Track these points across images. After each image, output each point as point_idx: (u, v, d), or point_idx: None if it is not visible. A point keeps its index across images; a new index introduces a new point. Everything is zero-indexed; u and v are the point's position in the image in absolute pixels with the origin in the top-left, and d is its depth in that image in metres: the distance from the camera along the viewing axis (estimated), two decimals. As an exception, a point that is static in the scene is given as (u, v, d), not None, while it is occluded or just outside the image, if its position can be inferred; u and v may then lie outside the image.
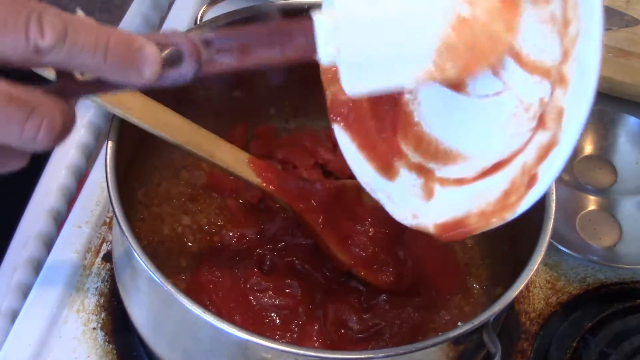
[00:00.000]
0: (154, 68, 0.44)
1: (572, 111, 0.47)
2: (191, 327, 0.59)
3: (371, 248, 0.69)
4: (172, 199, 0.74)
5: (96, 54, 0.42)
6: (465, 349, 0.59)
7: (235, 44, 0.46)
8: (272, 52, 0.46)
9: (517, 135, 0.51)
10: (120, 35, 0.43)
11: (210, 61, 0.46)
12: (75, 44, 0.41)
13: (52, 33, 0.40)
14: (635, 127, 0.87)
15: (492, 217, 0.52)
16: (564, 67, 0.47)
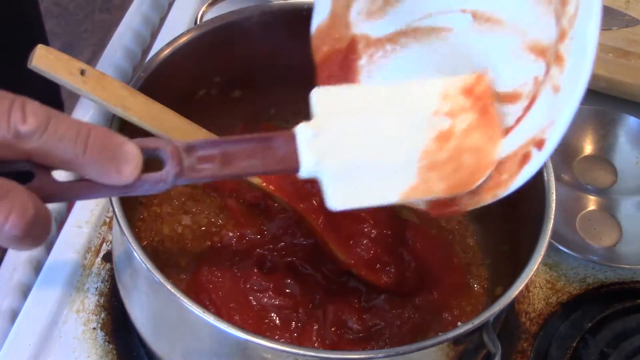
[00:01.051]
0: (134, 165, 0.43)
1: (569, 88, 0.47)
2: (191, 327, 0.59)
3: (372, 248, 0.69)
4: (172, 199, 0.74)
5: (76, 144, 0.41)
6: (465, 349, 0.59)
7: (217, 153, 0.46)
8: (254, 163, 0.46)
9: (510, 113, 0.51)
10: (101, 130, 0.42)
11: (191, 168, 0.45)
12: (56, 132, 0.41)
13: (33, 119, 0.40)
14: (635, 127, 0.87)
15: (485, 194, 0.52)
16: (560, 46, 0.47)
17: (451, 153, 0.50)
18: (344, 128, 0.48)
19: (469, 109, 0.51)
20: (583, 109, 0.88)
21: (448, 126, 0.50)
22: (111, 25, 2.12)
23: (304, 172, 0.48)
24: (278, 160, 0.47)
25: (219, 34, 0.71)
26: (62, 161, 0.42)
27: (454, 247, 0.75)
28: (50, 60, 0.54)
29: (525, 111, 0.50)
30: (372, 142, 0.49)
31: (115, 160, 0.43)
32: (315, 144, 0.47)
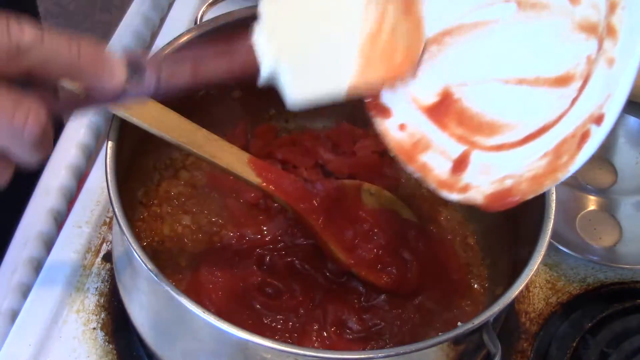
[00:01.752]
0: (122, 70, 0.46)
1: (624, 58, 0.47)
2: (191, 327, 0.59)
3: (373, 249, 0.69)
4: (172, 199, 0.74)
5: (71, 51, 0.44)
6: (465, 349, 0.59)
7: (189, 60, 0.50)
8: (220, 63, 0.51)
9: (563, 97, 0.51)
10: (87, 40, 0.46)
11: (169, 75, 0.49)
12: (52, 42, 0.44)
13: (31, 31, 0.43)
14: (635, 127, 0.87)
15: (544, 179, 0.52)
16: (612, 17, 0.48)
17: (388, 36, 0.53)
18: (291, 21, 0.52)
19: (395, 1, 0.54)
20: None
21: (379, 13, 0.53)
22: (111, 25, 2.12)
23: (264, 71, 0.51)
24: (241, 60, 0.51)
25: (219, 34, 0.71)
26: (61, 69, 0.45)
27: (454, 246, 0.75)
28: None
29: (579, 92, 0.51)
30: (318, 32, 0.52)
31: (107, 64, 0.46)
32: (270, 43, 0.51)
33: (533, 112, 0.53)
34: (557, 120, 0.52)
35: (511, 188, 0.53)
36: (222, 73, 0.51)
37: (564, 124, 0.51)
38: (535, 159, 0.53)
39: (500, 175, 0.54)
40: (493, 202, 0.55)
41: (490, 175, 0.55)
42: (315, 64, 0.52)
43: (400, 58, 0.54)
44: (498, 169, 0.54)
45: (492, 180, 0.54)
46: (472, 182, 0.55)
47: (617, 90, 0.48)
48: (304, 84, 0.52)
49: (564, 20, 0.52)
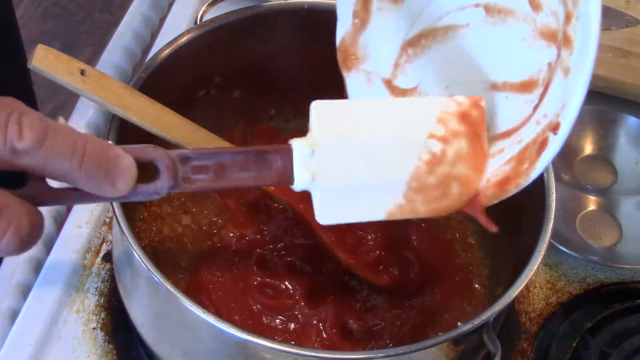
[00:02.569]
0: (128, 180, 0.43)
1: (578, 69, 0.48)
2: (191, 327, 0.59)
3: (372, 248, 0.69)
4: (172, 199, 0.74)
5: (72, 160, 0.41)
6: (465, 349, 0.59)
7: (211, 163, 0.46)
8: (248, 174, 0.47)
9: (528, 102, 0.52)
10: (97, 143, 0.42)
11: (186, 179, 0.46)
12: (53, 148, 0.40)
13: (30, 135, 0.39)
14: (635, 127, 0.87)
15: (508, 185, 0.52)
16: (567, 27, 0.48)
17: (440, 179, 0.51)
18: (340, 146, 0.49)
19: (462, 135, 0.52)
20: (583, 109, 0.88)
21: (440, 151, 0.51)
22: (111, 25, 2.12)
23: (297, 187, 0.49)
24: (272, 175, 0.48)
25: (219, 34, 0.71)
26: (57, 175, 0.42)
27: (455, 246, 0.75)
28: (50, 60, 0.54)
29: (541, 98, 0.51)
30: (366, 160, 0.49)
31: (111, 175, 0.43)
32: (310, 162, 0.48)
33: (501, 116, 0.54)
34: (521, 125, 0.52)
35: (478, 193, 0.54)
36: (248, 183, 0.47)
37: (527, 130, 0.52)
38: (501, 164, 0.53)
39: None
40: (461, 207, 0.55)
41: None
42: (354, 191, 0.50)
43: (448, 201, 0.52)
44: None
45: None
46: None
47: (571, 100, 0.48)
48: (337, 207, 0.50)
49: (527, 27, 0.53)
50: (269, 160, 0.47)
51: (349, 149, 0.49)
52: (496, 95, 0.54)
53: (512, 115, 0.53)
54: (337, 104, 0.50)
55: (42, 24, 2.15)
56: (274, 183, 0.48)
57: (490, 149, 0.53)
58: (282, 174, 0.47)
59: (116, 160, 0.43)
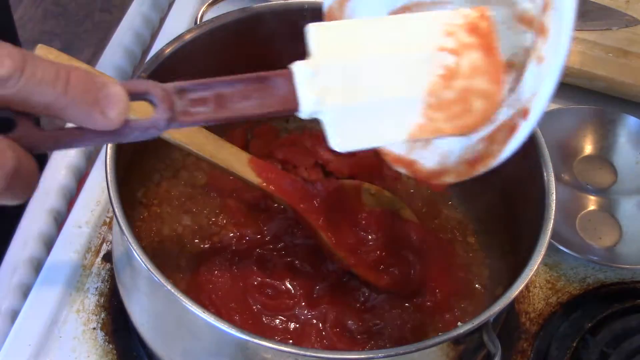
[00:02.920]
0: (120, 108, 0.40)
1: (551, 58, 0.47)
2: (191, 327, 0.59)
3: (372, 249, 0.69)
4: (172, 199, 0.74)
5: (56, 86, 0.39)
6: (465, 349, 0.59)
7: (211, 95, 0.43)
8: (250, 103, 0.44)
9: (504, 83, 0.52)
10: (82, 71, 0.40)
11: (185, 112, 0.43)
12: (34, 74, 0.38)
13: (10, 61, 0.38)
14: (635, 127, 0.87)
15: (478, 164, 0.53)
16: (544, 16, 0.48)
17: (458, 93, 0.48)
18: (344, 65, 0.46)
19: (474, 47, 0.49)
20: (583, 109, 0.88)
21: (453, 63, 0.48)
22: (111, 25, 2.12)
23: (303, 112, 0.46)
24: (276, 101, 0.44)
25: (219, 34, 0.71)
26: (42, 106, 0.39)
27: (455, 246, 0.75)
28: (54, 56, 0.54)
29: (515, 83, 0.51)
30: (374, 78, 0.46)
31: (99, 102, 0.40)
32: (314, 82, 0.45)
33: None
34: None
35: (442, 170, 0.54)
36: (250, 112, 0.44)
37: (501, 111, 0.51)
38: (473, 143, 0.53)
39: (441, 153, 0.55)
40: (431, 178, 0.55)
41: (433, 152, 0.55)
42: (367, 111, 0.47)
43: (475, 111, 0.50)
44: (440, 147, 0.55)
45: (435, 157, 0.55)
46: (418, 159, 0.56)
47: (542, 89, 0.48)
48: (352, 132, 0.47)
49: (507, 10, 0.53)
50: (271, 87, 0.44)
51: (355, 66, 0.46)
52: None
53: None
54: (336, 24, 0.48)
55: (42, 24, 2.15)
56: (278, 110, 0.45)
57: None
58: (286, 100, 0.44)
59: (104, 87, 0.40)
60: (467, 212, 0.77)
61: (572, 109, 0.88)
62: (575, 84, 0.91)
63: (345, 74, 0.46)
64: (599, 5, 0.97)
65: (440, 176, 0.55)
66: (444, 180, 0.55)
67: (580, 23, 0.96)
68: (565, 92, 0.91)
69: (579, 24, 0.95)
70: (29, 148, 0.40)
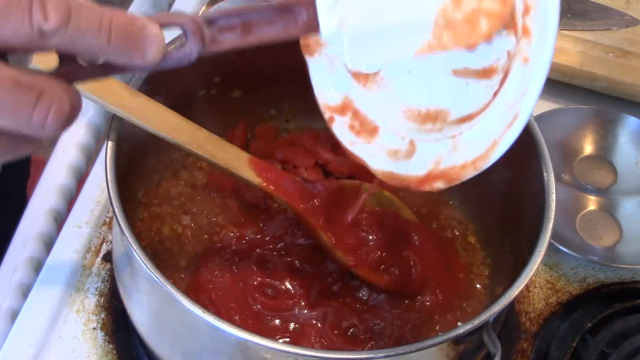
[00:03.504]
0: (157, 47, 0.44)
1: (537, 58, 0.49)
2: (191, 327, 0.59)
3: (372, 249, 0.69)
4: (172, 199, 0.74)
5: (100, 35, 0.41)
6: (465, 349, 0.59)
7: (237, 22, 0.46)
8: (275, 29, 0.47)
9: (488, 87, 0.52)
10: (122, 17, 0.43)
11: (213, 40, 0.46)
12: (79, 25, 0.41)
13: (55, 15, 0.40)
14: (635, 127, 0.87)
15: (465, 170, 0.54)
16: (527, 19, 0.49)
17: (467, 14, 0.50)
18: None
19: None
20: (583, 109, 0.88)
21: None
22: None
23: (324, 35, 0.48)
24: (299, 26, 0.48)
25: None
26: (87, 51, 0.42)
27: (456, 246, 0.75)
28: (49, 60, 0.54)
29: (500, 84, 0.52)
30: (390, 3, 0.49)
31: (139, 44, 0.43)
32: (335, 8, 0.48)
33: (462, 101, 0.54)
34: (481, 110, 0.53)
35: (439, 173, 0.55)
36: (275, 37, 0.47)
37: (487, 115, 0.53)
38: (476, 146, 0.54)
39: (432, 160, 0.55)
40: (420, 185, 0.56)
41: (419, 161, 0.56)
42: (382, 33, 0.50)
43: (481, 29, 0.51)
44: (429, 154, 0.56)
45: (423, 165, 0.56)
46: (403, 172, 0.57)
47: (531, 88, 0.49)
48: (366, 51, 0.50)
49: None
50: (295, 13, 0.47)
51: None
52: (457, 80, 0.55)
53: (472, 100, 0.54)
54: None
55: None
56: (301, 32, 0.48)
57: (451, 132, 0.54)
58: (308, 24, 0.48)
59: (143, 30, 0.43)
60: (467, 212, 0.77)
61: (572, 109, 0.88)
62: (575, 84, 0.91)
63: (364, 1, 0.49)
64: (599, 5, 0.97)
65: (431, 182, 0.55)
66: (434, 186, 0.55)
67: (580, 23, 0.96)
68: (565, 92, 0.91)
69: (579, 23, 0.95)
70: (74, 81, 0.43)
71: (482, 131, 0.53)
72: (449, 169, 0.54)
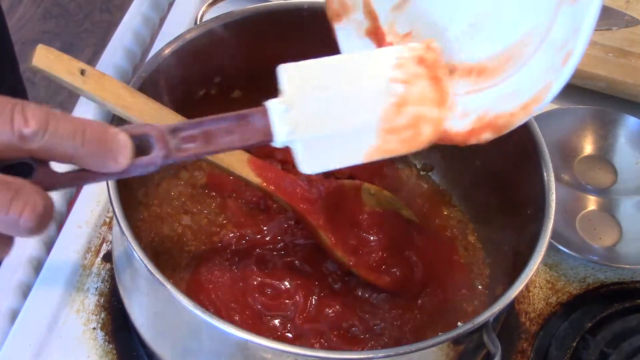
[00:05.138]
0: (127, 153, 0.47)
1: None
2: (191, 327, 0.59)
3: (372, 249, 0.69)
4: (172, 199, 0.74)
5: (75, 140, 0.45)
6: (465, 349, 0.59)
7: (199, 132, 0.50)
8: (233, 138, 0.51)
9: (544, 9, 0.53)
10: (96, 124, 0.46)
11: (177, 149, 0.49)
12: (57, 130, 0.44)
13: (35, 121, 0.44)
14: (635, 127, 0.87)
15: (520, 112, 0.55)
16: None
17: (409, 119, 0.54)
18: (312, 99, 0.53)
19: (422, 77, 0.55)
20: (583, 109, 0.88)
21: (403, 92, 0.54)
22: (111, 25, 2.12)
23: (278, 143, 0.52)
24: (255, 135, 0.51)
25: (219, 34, 0.71)
26: (63, 156, 0.45)
27: (456, 246, 0.75)
28: (50, 60, 0.54)
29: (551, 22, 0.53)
30: (337, 109, 0.53)
31: (111, 151, 0.46)
32: (286, 117, 0.51)
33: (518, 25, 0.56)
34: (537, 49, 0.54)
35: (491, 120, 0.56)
36: (234, 145, 0.51)
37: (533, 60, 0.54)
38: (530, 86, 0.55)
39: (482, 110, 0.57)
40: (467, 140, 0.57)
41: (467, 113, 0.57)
42: (332, 138, 0.53)
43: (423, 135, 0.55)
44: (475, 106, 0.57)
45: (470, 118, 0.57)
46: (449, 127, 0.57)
47: (584, 23, 0.50)
48: (318, 156, 0.53)
49: None
50: (250, 122, 0.51)
51: (320, 100, 0.53)
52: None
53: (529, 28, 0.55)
54: (303, 64, 0.53)
55: (42, 24, 2.15)
56: (258, 142, 0.52)
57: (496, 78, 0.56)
58: (263, 133, 0.51)
59: (115, 137, 0.47)
60: (467, 211, 0.77)
61: (572, 109, 0.88)
62: (575, 84, 0.91)
63: (313, 108, 0.52)
64: (599, 5, 0.97)
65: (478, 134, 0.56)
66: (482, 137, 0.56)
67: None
68: (565, 92, 0.91)
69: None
70: (47, 188, 0.46)
71: (530, 76, 0.54)
72: (496, 117, 0.55)
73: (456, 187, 0.79)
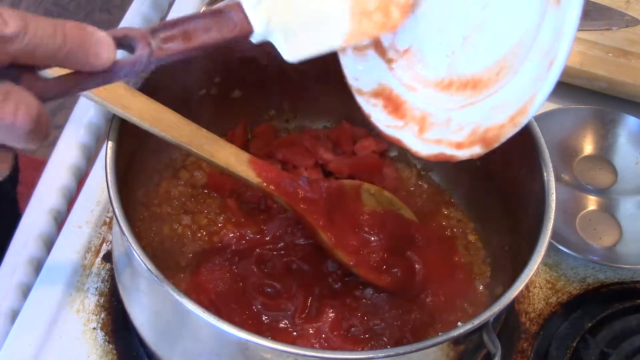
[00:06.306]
0: (109, 50, 0.46)
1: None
2: (191, 327, 0.59)
3: (372, 249, 0.69)
4: (172, 199, 0.74)
5: (56, 38, 0.44)
6: (465, 349, 0.59)
7: (178, 32, 0.50)
8: (212, 34, 0.51)
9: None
10: (74, 23, 0.46)
11: (159, 48, 0.49)
12: (37, 30, 0.44)
13: (14, 21, 0.43)
14: (635, 127, 0.87)
15: (508, 125, 0.54)
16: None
17: (379, 2, 0.55)
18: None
19: None
20: (583, 109, 0.88)
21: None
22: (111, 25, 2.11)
23: (257, 35, 0.53)
24: (233, 28, 0.52)
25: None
26: (46, 56, 0.44)
27: (456, 245, 0.75)
28: None
29: (534, 39, 0.52)
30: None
31: (92, 46, 0.46)
32: (260, 7, 0.52)
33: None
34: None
35: (486, 130, 0.55)
36: (214, 41, 0.51)
37: (522, 69, 0.53)
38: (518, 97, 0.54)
39: (474, 124, 0.56)
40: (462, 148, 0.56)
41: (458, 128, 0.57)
42: (307, 23, 0.54)
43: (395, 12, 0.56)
44: (464, 122, 0.57)
45: (462, 133, 0.57)
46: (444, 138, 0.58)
47: (565, 26, 0.50)
48: (298, 42, 0.54)
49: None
50: (227, 17, 0.52)
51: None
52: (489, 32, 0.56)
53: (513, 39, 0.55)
54: None
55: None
56: (236, 35, 0.52)
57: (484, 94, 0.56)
58: (241, 26, 0.52)
59: (94, 34, 0.46)
60: (468, 211, 0.77)
61: (572, 109, 0.88)
62: (575, 84, 0.91)
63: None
64: (599, 5, 0.97)
65: (470, 147, 0.56)
66: (474, 152, 0.56)
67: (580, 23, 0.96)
68: (565, 92, 0.91)
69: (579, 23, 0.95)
70: (37, 97, 0.44)
71: (519, 86, 0.53)
72: (487, 131, 0.55)
73: (456, 187, 0.79)
